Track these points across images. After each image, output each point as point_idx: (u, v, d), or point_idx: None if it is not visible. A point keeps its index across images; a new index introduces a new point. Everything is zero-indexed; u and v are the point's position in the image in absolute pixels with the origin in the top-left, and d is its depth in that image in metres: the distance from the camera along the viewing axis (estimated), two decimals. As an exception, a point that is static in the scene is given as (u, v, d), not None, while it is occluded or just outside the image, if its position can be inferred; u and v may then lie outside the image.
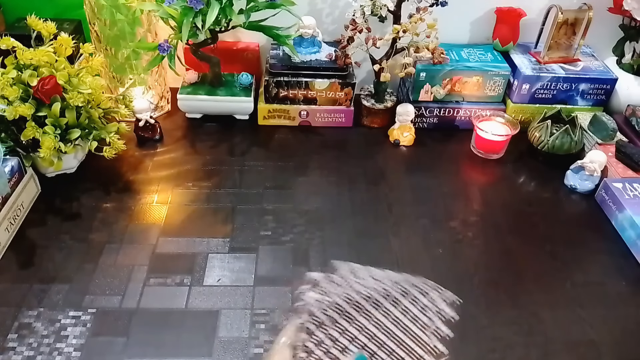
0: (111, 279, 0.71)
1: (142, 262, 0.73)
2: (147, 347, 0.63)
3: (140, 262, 0.73)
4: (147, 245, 0.76)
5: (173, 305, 0.68)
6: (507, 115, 0.99)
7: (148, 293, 0.69)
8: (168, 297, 0.69)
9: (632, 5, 0.95)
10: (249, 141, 0.98)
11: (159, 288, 0.70)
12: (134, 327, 0.65)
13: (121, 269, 0.72)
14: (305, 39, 0.98)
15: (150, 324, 0.66)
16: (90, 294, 0.69)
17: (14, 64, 0.77)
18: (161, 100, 1.03)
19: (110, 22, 0.90)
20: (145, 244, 0.76)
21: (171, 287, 0.70)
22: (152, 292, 0.69)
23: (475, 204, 0.87)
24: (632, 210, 0.81)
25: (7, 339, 0.63)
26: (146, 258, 0.74)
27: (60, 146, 0.77)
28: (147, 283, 0.71)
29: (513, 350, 0.65)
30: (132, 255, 0.74)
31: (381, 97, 1.02)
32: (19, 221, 0.78)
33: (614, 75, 1.01)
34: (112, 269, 0.72)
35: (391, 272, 0.52)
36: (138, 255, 0.74)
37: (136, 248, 0.76)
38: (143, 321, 0.66)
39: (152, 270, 0.72)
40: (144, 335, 0.64)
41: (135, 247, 0.76)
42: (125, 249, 0.75)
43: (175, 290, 0.70)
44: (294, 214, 0.83)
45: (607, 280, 0.76)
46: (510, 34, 1.03)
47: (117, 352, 0.62)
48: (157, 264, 0.73)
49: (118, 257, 0.74)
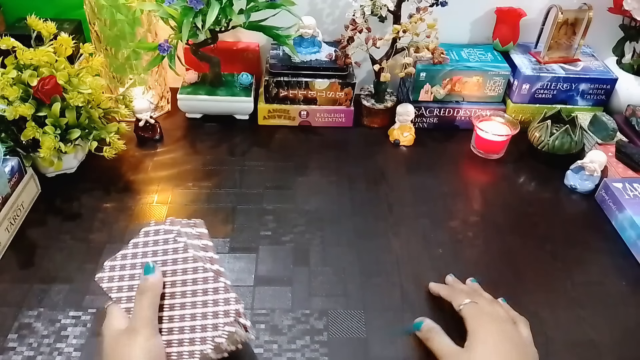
0: (111, 279, 0.71)
1: (142, 262, 0.73)
2: (147, 347, 0.63)
3: (141, 262, 0.73)
4: (147, 245, 0.76)
5: (173, 305, 0.68)
6: (507, 115, 1.00)
7: (148, 293, 0.69)
8: (168, 297, 0.69)
9: (632, 5, 0.95)
10: (249, 141, 0.98)
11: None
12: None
13: (121, 269, 0.72)
14: (305, 39, 0.98)
15: (150, 324, 0.66)
16: (91, 294, 0.69)
17: (14, 64, 0.77)
18: (161, 100, 1.03)
19: (110, 22, 0.90)
20: (146, 244, 0.76)
21: (171, 287, 0.70)
22: (152, 292, 0.69)
23: (476, 204, 0.87)
24: (632, 210, 0.81)
25: (7, 339, 0.63)
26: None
27: (60, 146, 0.77)
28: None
29: (513, 350, 0.65)
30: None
31: (381, 97, 1.02)
32: (19, 221, 0.78)
33: (614, 75, 1.01)
34: (112, 269, 0.72)
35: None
36: (138, 255, 0.74)
37: (136, 248, 0.75)
38: (143, 321, 0.66)
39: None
40: (144, 335, 0.64)
41: (136, 247, 0.76)
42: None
43: (176, 290, 0.70)
44: (294, 214, 0.83)
45: (607, 280, 0.76)
46: (510, 34, 1.03)
47: (117, 352, 0.62)
48: (157, 264, 0.73)
49: (118, 257, 0.74)
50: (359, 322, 0.67)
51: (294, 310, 0.68)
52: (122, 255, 0.60)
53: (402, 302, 0.70)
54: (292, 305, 0.69)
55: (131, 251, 0.60)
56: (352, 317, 0.68)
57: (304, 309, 0.68)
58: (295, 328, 0.66)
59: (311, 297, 0.70)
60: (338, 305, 0.69)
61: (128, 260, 0.59)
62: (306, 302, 0.69)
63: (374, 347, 0.64)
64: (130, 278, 0.58)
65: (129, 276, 0.58)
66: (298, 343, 0.64)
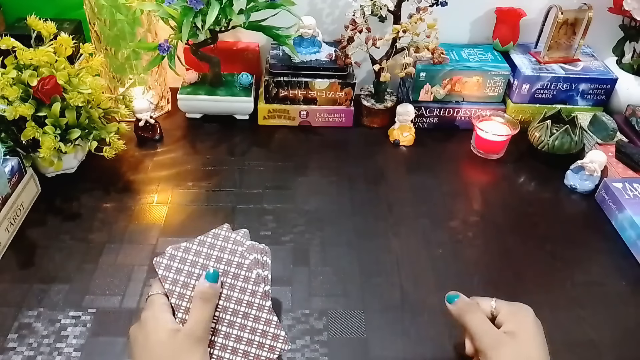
0: (111, 279, 0.71)
1: (142, 262, 0.73)
2: (147, 347, 0.63)
3: (140, 262, 0.73)
4: (147, 245, 0.76)
5: (173, 305, 0.68)
6: (507, 115, 0.99)
7: (148, 293, 0.69)
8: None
9: (632, 5, 0.95)
10: (249, 141, 0.98)
11: (159, 288, 0.70)
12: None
13: (121, 269, 0.72)
14: (305, 39, 0.98)
15: (150, 324, 0.65)
16: (90, 294, 0.69)
17: (14, 64, 0.77)
18: (161, 100, 1.03)
19: (110, 22, 0.90)
20: (145, 244, 0.76)
21: (171, 287, 0.70)
22: (152, 292, 0.69)
23: (476, 204, 0.87)
24: (632, 210, 0.81)
25: (7, 339, 0.63)
26: (146, 258, 0.74)
27: (60, 146, 0.77)
28: (147, 283, 0.71)
29: (513, 350, 0.65)
30: (132, 255, 0.74)
31: (381, 97, 1.02)
32: (19, 221, 0.78)
33: (614, 75, 1.01)
34: (112, 269, 0.72)
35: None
36: (138, 255, 0.74)
37: (136, 248, 0.76)
38: (143, 321, 0.66)
39: (152, 271, 0.72)
40: (144, 335, 0.64)
41: (135, 247, 0.76)
42: (125, 249, 0.75)
43: (175, 290, 0.70)
44: (294, 214, 0.83)
45: (607, 280, 0.76)
46: (510, 34, 1.03)
47: (117, 352, 0.62)
48: (157, 264, 0.73)
49: (118, 257, 0.74)
50: (359, 322, 0.67)
51: (293, 310, 0.68)
52: (185, 248, 0.58)
53: (402, 302, 0.70)
54: (292, 305, 0.69)
55: (195, 248, 0.58)
56: (352, 317, 0.68)
57: (303, 309, 0.68)
58: (295, 328, 0.66)
59: (311, 297, 0.70)
60: (338, 305, 0.69)
61: (190, 256, 0.57)
62: (306, 302, 0.69)
63: (374, 347, 0.64)
64: (188, 275, 0.56)
65: (186, 273, 0.56)
66: (298, 343, 0.64)
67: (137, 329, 0.52)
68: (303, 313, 0.68)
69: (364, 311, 0.68)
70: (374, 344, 0.65)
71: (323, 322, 0.67)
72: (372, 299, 0.70)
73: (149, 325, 0.51)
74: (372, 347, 0.64)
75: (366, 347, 0.64)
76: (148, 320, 0.52)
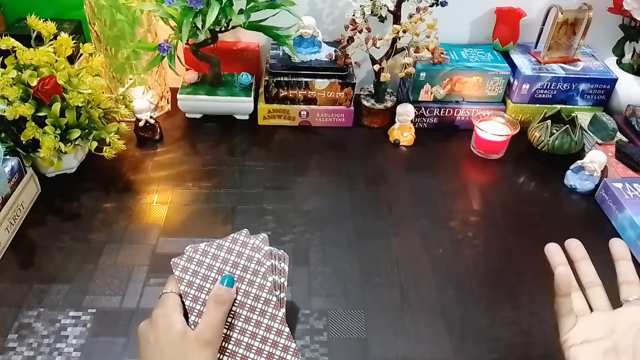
0: (111, 279, 0.71)
1: (142, 262, 0.73)
2: (147, 347, 0.63)
3: (140, 262, 0.73)
4: (147, 245, 0.76)
5: (173, 305, 0.68)
6: (507, 115, 0.99)
7: (148, 293, 0.69)
8: (168, 297, 0.69)
9: (632, 5, 0.95)
10: (249, 141, 0.98)
11: (159, 288, 0.70)
12: (134, 327, 0.65)
13: (121, 269, 0.72)
14: (305, 39, 0.98)
15: (150, 324, 0.65)
16: (90, 294, 0.69)
17: (14, 64, 0.77)
18: (161, 100, 1.03)
19: (110, 22, 0.90)
20: (145, 244, 0.76)
21: (171, 287, 0.70)
22: (152, 292, 0.69)
23: (475, 204, 0.87)
24: (632, 210, 0.81)
25: (7, 339, 0.63)
26: (146, 258, 0.74)
27: (60, 146, 0.77)
28: (147, 283, 0.71)
29: (513, 350, 0.65)
30: (132, 255, 0.74)
31: (381, 97, 1.02)
32: (19, 221, 0.78)
33: (614, 75, 1.01)
34: (112, 269, 0.72)
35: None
36: (138, 255, 0.74)
37: (136, 248, 0.76)
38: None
39: (152, 271, 0.72)
40: (144, 335, 0.64)
41: (135, 247, 0.76)
42: (125, 249, 0.75)
43: (175, 290, 0.70)
44: (294, 214, 0.83)
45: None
46: (510, 34, 1.03)
47: (117, 352, 0.62)
48: (157, 264, 0.73)
49: (118, 257, 0.74)
50: (359, 322, 0.67)
51: (294, 311, 0.68)
52: (203, 251, 0.57)
53: (402, 302, 0.70)
54: (291, 305, 0.69)
55: (213, 251, 0.57)
56: (352, 317, 0.68)
57: (303, 309, 0.68)
58: (295, 328, 0.66)
59: (311, 297, 0.70)
60: (338, 305, 0.69)
61: (207, 259, 0.56)
62: (306, 302, 0.69)
63: (374, 347, 0.64)
64: (203, 279, 0.55)
65: (202, 276, 0.55)
66: (298, 343, 0.64)
67: (148, 327, 0.52)
68: (303, 313, 0.68)
69: (364, 311, 0.68)
70: (374, 343, 0.65)
71: (323, 322, 0.67)
72: (372, 299, 0.70)
73: (160, 325, 0.51)
74: (372, 347, 0.64)
75: (366, 347, 0.64)
76: (159, 319, 0.52)
